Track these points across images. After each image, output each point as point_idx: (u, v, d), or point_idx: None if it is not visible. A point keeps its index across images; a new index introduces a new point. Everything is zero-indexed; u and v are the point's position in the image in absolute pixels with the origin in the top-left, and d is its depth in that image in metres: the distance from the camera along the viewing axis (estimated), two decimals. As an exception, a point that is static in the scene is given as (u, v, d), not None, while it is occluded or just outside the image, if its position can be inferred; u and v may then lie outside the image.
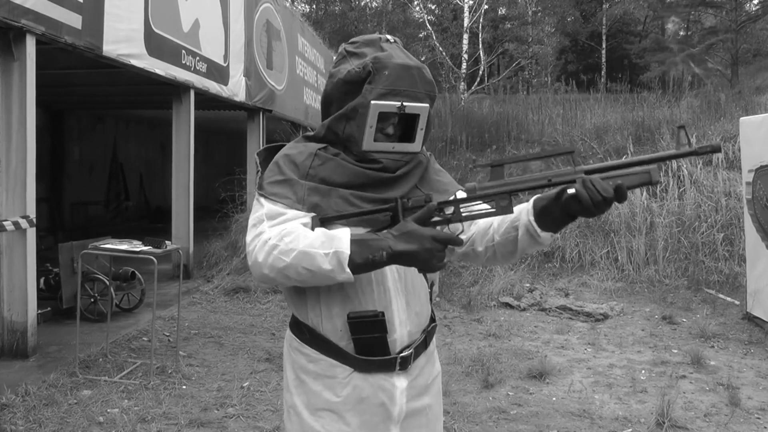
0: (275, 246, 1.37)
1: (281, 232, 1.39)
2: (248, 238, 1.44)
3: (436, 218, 1.42)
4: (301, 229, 1.39)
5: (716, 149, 1.31)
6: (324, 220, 1.45)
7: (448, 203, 1.44)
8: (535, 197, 1.46)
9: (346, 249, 1.33)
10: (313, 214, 1.46)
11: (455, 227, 1.48)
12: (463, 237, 1.55)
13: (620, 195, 1.34)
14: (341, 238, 1.35)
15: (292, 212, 1.44)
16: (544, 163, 8.63)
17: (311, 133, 1.60)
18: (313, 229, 1.42)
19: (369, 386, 1.50)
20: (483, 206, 1.44)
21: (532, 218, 1.45)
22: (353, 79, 1.49)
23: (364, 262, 1.34)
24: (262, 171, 1.55)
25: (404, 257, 1.35)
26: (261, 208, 1.47)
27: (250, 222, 1.48)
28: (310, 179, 1.49)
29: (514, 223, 1.49)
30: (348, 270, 1.33)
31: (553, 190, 1.40)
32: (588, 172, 1.36)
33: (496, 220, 1.53)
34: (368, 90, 1.46)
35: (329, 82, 1.56)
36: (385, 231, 1.39)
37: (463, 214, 1.43)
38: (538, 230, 1.45)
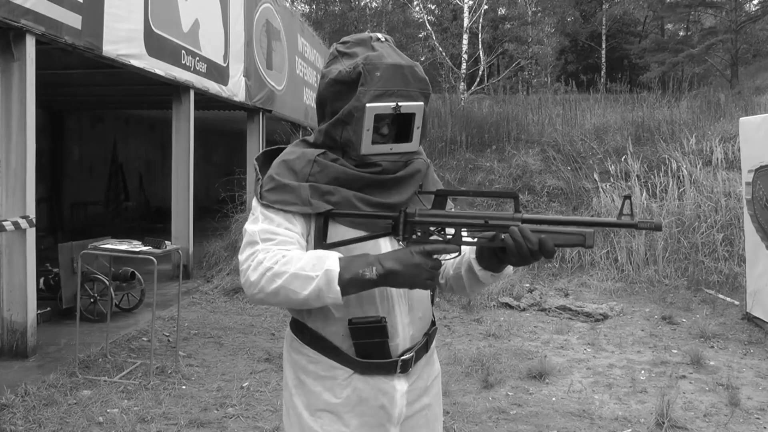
0: (269, 268, 1.38)
1: (275, 256, 1.39)
2: (242, 255, 1.45)
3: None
4: (295, 253, 1.41)
5: (657, 227, 1.30)
6: (327, 216, 1.46)
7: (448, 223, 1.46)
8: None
9: (335, 267, 1.35)
10: (321, 209, 1.46)
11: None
12: None
13: (545, 251, 1.34)
14: (330, 257, 1.37)
15: (284, 231, 1.44)
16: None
17: (310, 138, 1.59)
18: (317, 226, 1.45)
19: (369, 388, 1.50)
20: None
21: (473, 256, 1.50)
22: (344, 80, 1.48)
23: (352, 277, 1.35)
24: (262, 176, 1.54)
25: (393, 274, 1.37)
26: (256, 223, 1.47)
27: (246, 237, 1.47)
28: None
29: (463, 257, 1.55)
30: (337, 288, 1.35)
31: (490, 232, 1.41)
32: (526, 221, 1.37)
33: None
34: (362, 93, 1.44)
35: (321, 82, 1.56)
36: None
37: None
38: (476, 267, 1.50)
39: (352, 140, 1.48)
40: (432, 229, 1.44)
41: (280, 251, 1.41)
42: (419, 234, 1.43)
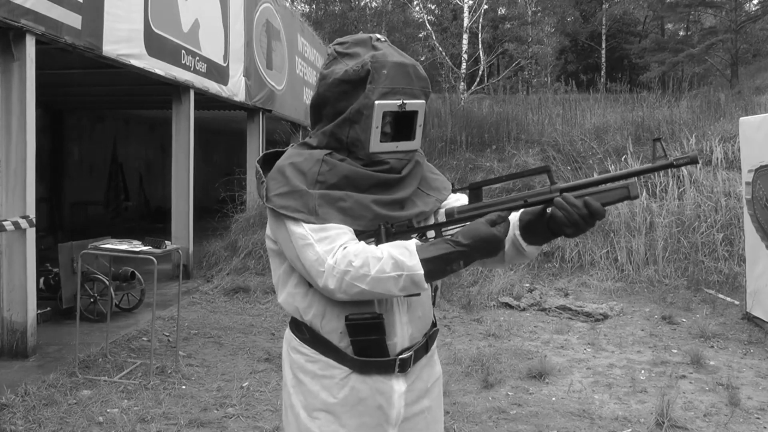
0: (346, 272, 1.37)
1: (345, 255, 1.38)
2: (305, 261, 1.42)
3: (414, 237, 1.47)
4: (366, 250, 1.39)
5: (693, 160, 1.29)
6: None
7: (430, 228, 1.48)
8: (521, 211, 1.46)
9: (418, 270, 1.35)
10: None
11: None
12: None
13: (594, 212, 1.34)
14: (411, 259, 1.36)
15: (334, 227, 1.42)
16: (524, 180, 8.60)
17: (312, 141, 1.57)
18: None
19: (367, 388, 1.50)
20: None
21: (517, 233, 1.49)
22: (351, 79, 1.47)
23: (440, 276, 1.40)
24: (264, 180, 1.51)
25: (475, 252, 1.38)
26: (296, 226, 1.43)
27: (296, 240, 1.44)
28: (319, 186, 1.46)
29: None
30: (425, 286, 1.38)
31: (538, 207, 1.42)
32: (565, 190, 1.37)
33: None
34: (371, 90, 1.45)
35: (321, 83, 1.53)
36: (449, 237, 1.40)
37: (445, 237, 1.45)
38: (524, 244, 1.49)
39: (361, 139, 1.48)
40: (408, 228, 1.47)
41: (347, 249, 1.39)
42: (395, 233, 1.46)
